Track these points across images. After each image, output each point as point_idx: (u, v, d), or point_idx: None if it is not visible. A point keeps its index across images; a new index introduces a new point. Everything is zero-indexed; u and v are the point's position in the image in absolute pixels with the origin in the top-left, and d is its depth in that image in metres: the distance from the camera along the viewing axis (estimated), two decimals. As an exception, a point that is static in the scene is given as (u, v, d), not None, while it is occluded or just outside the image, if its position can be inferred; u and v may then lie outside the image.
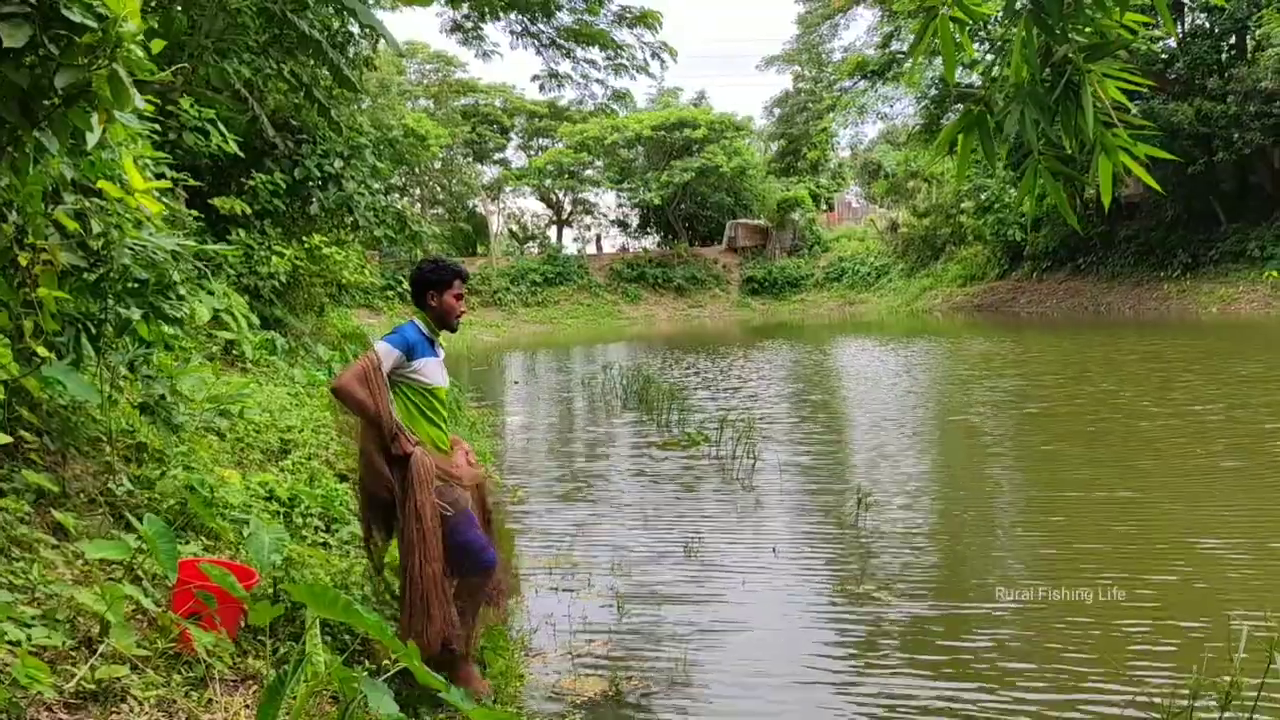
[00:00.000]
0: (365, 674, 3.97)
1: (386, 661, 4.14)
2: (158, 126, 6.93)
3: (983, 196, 40.02)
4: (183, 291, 5.08)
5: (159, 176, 6.01)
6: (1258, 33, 29.42)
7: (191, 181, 9.74)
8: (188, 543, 4.44)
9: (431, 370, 4.49)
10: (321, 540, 5.34)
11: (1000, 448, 11.28)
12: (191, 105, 9.73)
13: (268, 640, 4.01)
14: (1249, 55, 31.14)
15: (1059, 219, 39.60)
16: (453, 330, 4.66)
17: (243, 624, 3.98)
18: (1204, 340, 22.15)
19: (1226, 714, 3.53)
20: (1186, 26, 33.92)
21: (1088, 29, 3.51)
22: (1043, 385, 15.88)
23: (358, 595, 4.64)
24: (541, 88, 23.14)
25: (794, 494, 9.12)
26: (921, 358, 22.30)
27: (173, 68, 8.52)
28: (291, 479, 6.04)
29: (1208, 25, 33.25)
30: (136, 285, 4.70)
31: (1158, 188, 4.12)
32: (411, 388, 4.45)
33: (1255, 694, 3.57)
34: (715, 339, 33.91)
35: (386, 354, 4.33)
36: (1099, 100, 3.41)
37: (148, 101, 6.25)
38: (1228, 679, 3.39)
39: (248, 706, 3.50)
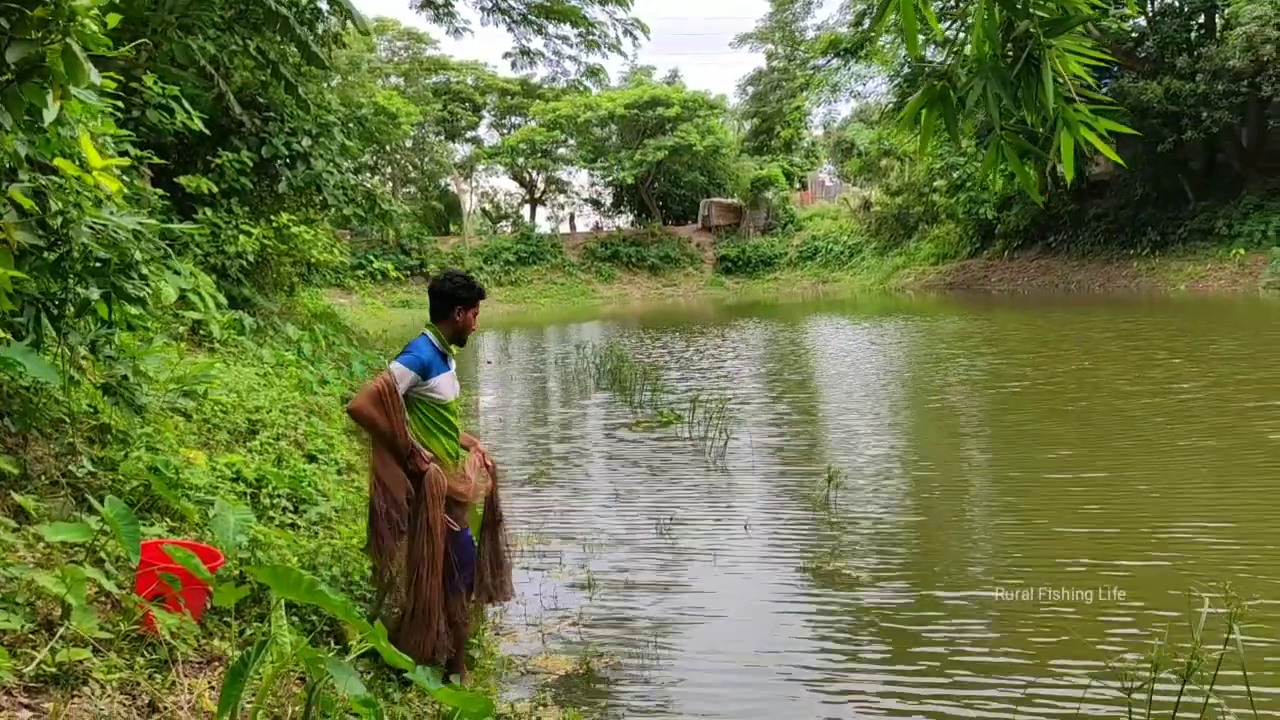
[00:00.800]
0: (332, 655, 3.96)
1: (353, 642, 4.11)
2: (120, 104, 6.80)
3: (955, 175, 40.13)
4: (145, 271, 4.99)
5: (122, 154, 5.91)
6: (1226, 11, 29.62)
7: (156, 160, 9.58)
8: (152, 524, 4.39)
9: (445, 386, 4.51)
10: (289, 521, 5.30)
11: (971, 426, 11.35)
12: (155, 82, 9.56)
13: (233, 622, 3.98)
14: (1218, 34, 31.33)
15: (1030, 198, 39.82)
16: (463, 345, 4.69)
17: (208, 606, 3.94)
18: (1176, 318, 22.36)
19: (1188, 686, 3.57)
20: (1156, 5, 34.08)
21: (1049, 3, 3.51)
22: (1016, 364, 15.98)
23: (325, 576, 4.62)
24: (514, 65, 22.97)
25: (766, 473, 9.15)
26: (894, 337, 22.40)
27: (134, 43, 8.38)
28: (259, 460, 5.99)
29: (1177, 4, 33.43)
30: (98, 265, 4.62)
31: (1120, 161, 4.15)
32: (425, 404, 4.47)
33: (1215, 665, 3.63)
34: (689, 318, 33.92)
35: (402, 375, 4.34)
36: (1059, 75, 3.41)
37: (109, 78, 6.14)
38: (1189, 650, 3.42)
39: (212, 688, 3.47)
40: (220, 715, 2.98)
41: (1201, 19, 32.78)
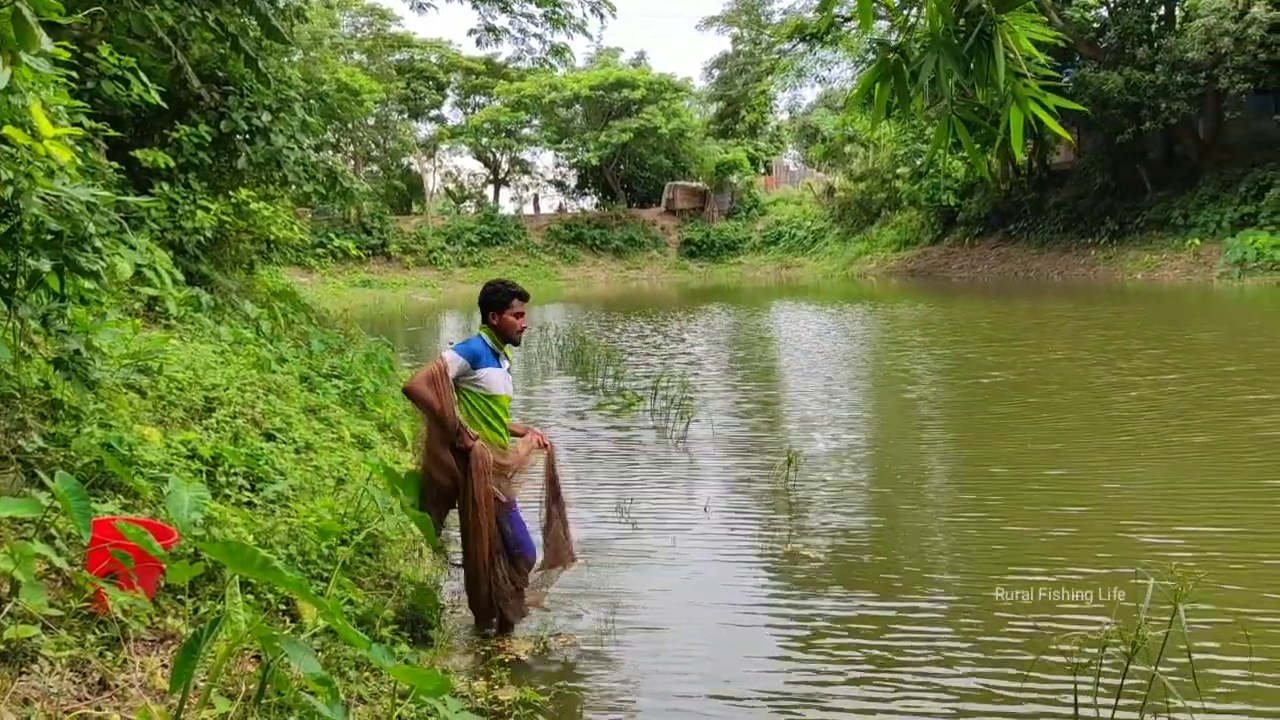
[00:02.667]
0: (288, 633, 3.93)
1: (309, 620, 4.09)
2: (74, 74, 6.67)
3: (918, 162, 40.39)
4: (100, 245, 4.90)
5: (76, 125, 5.80)
6: (1186, 3, 29.96)
7: (111, 132, 9.40)
8: (104, 501, 4.32)
9: (493, 380, 5.00)
10: (246, 500, 5.23)
11: (932, 413, 11.45)
12: (110, 53, 9.37)
13: (187, 600, 3.94)
14: (1177, 26, 31.70)
15: (991, 186, 40.21)
16: (515, 344, 5.24)
17: (161, 583, 3.90)
18: (1141, 307, 22.61)
19: (1133, 665, 3.64)
20: (1118, -4, 34.45)
21: (1001, -21, 3.53)
22: (978, 350, 16.15)
23: (281, 554, 4.58)
24: (479, 42, 22.73)
25: (727, 456, 9.18)
26: (857, 323, 22.55)
27: (88, 11, 8.21)
28: (215, 438, 5.91)
29: (1138, -5, 33.81)
30: (50, 237, 4.53)
31: (1068, 137, 4.20)
32: (474, 394, 4.97)
33: (1160, 644, 3.70)
34: (653, 302, 33.93)
35: (453, 361, 4.88)
36: (1010, 51, 3.45)
37: (62, 47, 6.01)
38: (1134, 629, 3.48)
39: (165, 666, 3.44)
40: (172, 692, 2.96)
41: (1162, 11, 33.16)
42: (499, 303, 5.14)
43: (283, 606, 4.28)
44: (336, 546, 4.87)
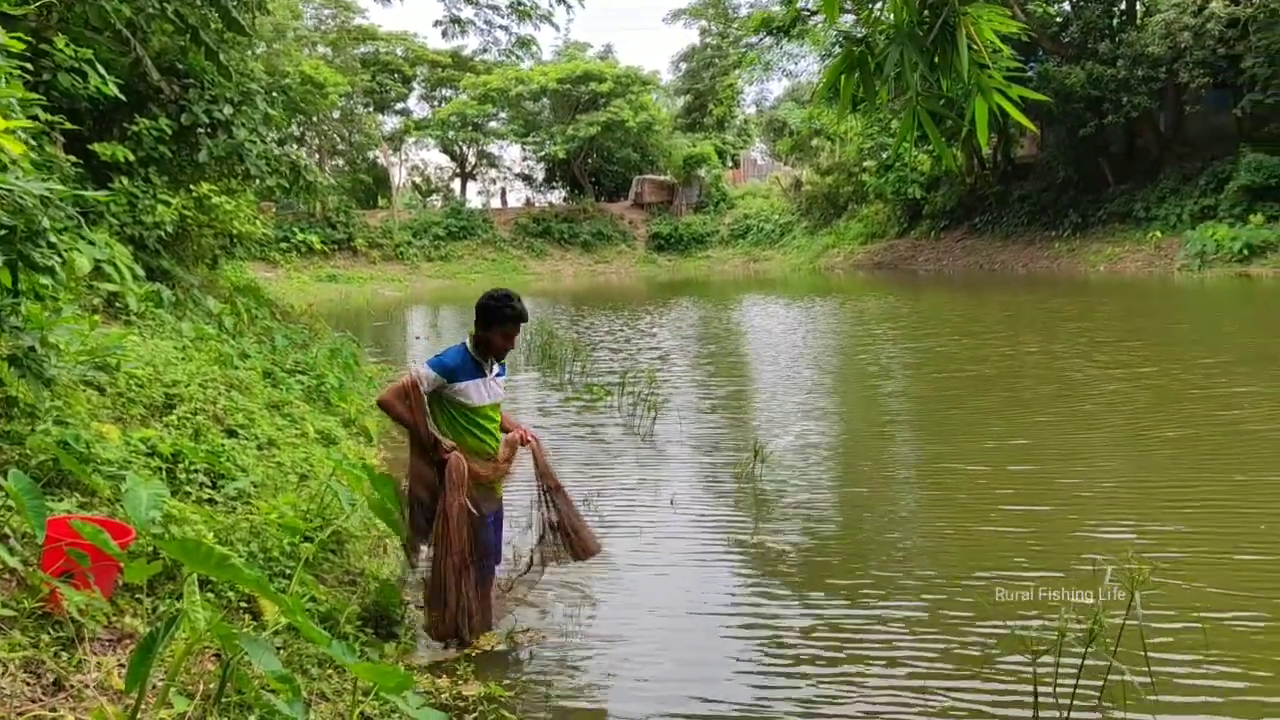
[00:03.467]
0: (248, 631, 3.90)
1: (270, 618, 4.05)
2: (29, 65, 6.56)
3: (884, 155, 40.59)
4: (55, 240, 4.83)
5: (32, 119, 5.70)
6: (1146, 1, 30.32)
7: (68, 125, 9.26)
8: (60, 500, 4.26)
9: (471, 392, 4.93)
10: (207, 497, 5.18)
11: (899, 404, 11.54)
12: (67, 45, 9.23)
13: (146, 598, 3.90)
14: (1138, 21, 32.04)
15: (957, 178, 40.49)
16: (495, 358, 5.06)
17: (119, 582, 3.85)
18: (1109, 299, 22.84)
19: (1093, 657, 3.68)
20: (1080, -10, 34.77)
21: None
22: (946, 344, 16.27)
23: (242, 552, 4.53)
24: (444, 34, 22.51)
25: (694, 449, 9.19)
26: (825, 317, 22.64)
27: (43, 1, 8.09)
28: (175, 434, 5.84)
29: (1100, -10, 34.14)
30: (2, 232, 4.46)
31: (1032, 127, 4.27)
32: (454, 406, 4.92)
33: (1118, 631, 3.74)
34: (621, 296, 33.91)
35: (425, 376, 4.85)
36: (974, 42, 3.47)
37: (16, 38, 5.91)
38: (1091, 618, 3.52)
39: (122, 665, 3.40)
40: (128, 692, 2.92)
41: (1123, 6, 33.50)
42: (495, 320, 4.94)
43: (244, 604, 4.24)
44: (299, 543, 4.82)
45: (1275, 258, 26.07)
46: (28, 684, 3.05)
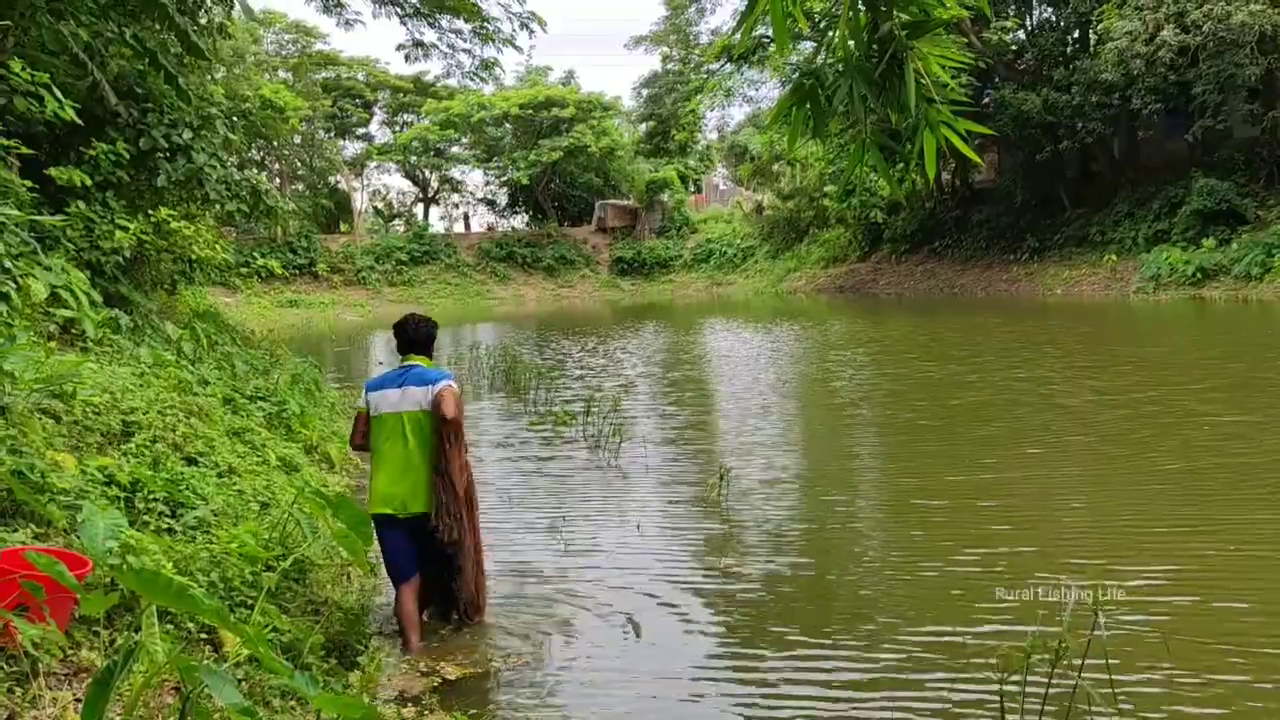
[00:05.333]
0: (208, 663, 3.82)
1: (231, 649, 3.97)
2: (-17, 89, 6.48)
3: (844, 180, 40.95)
4: (9, 265, 4.75)
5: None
6: (1099, 27, 30.85)
7: (25, 150, 9.13)
8: (14, 530, 4.16)
9: None
10: (166, 526, 5.08)
11: (865, 430, 11.58)
12: (23, 68, 9.12)
13: (103, 631, 3.81)
14: (1091, 48, 32.64)
15: (916, 203, 40.96)
16: None
17: (75, 615, 3.76)
18: (1073, 323, 23.04)
19: (1059, 673, 3.69)
20: (1035, 19, 35.37)
21: (911, 6, 3.61)
22: (901, 364, 16.39)
23: (202, 582, 4.44)
24: (407, 58, 22.52)
25: (659, 474, 9.17)
26: (790, 342, 22.74)
27: (-1, 26, 7.98)
28: (134, 463, 5.73)
29: (1054, 19, 34.74)
30: (-44, 257, 4.39)
31: (979, 161, 4.32)
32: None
33: (1083, 652, 3.76)
34: (585, 320, 33.91)
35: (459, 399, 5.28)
36: (921, 76, 3.51)
37: (-30, 62, 5.82)
38: (1056, 638, 3.54)
39: (78, 699, 3.31)
40: (85, 729, 2.84)
41: (1077, 34, 34.13)
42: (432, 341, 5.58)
43: (204, 635, 4.16)
44: (261, 573, 4.74)
45: (1227, 281, 26.55)
46: (-21, 721, 2.96)
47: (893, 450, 10.02)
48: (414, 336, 5.46)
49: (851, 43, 3.71)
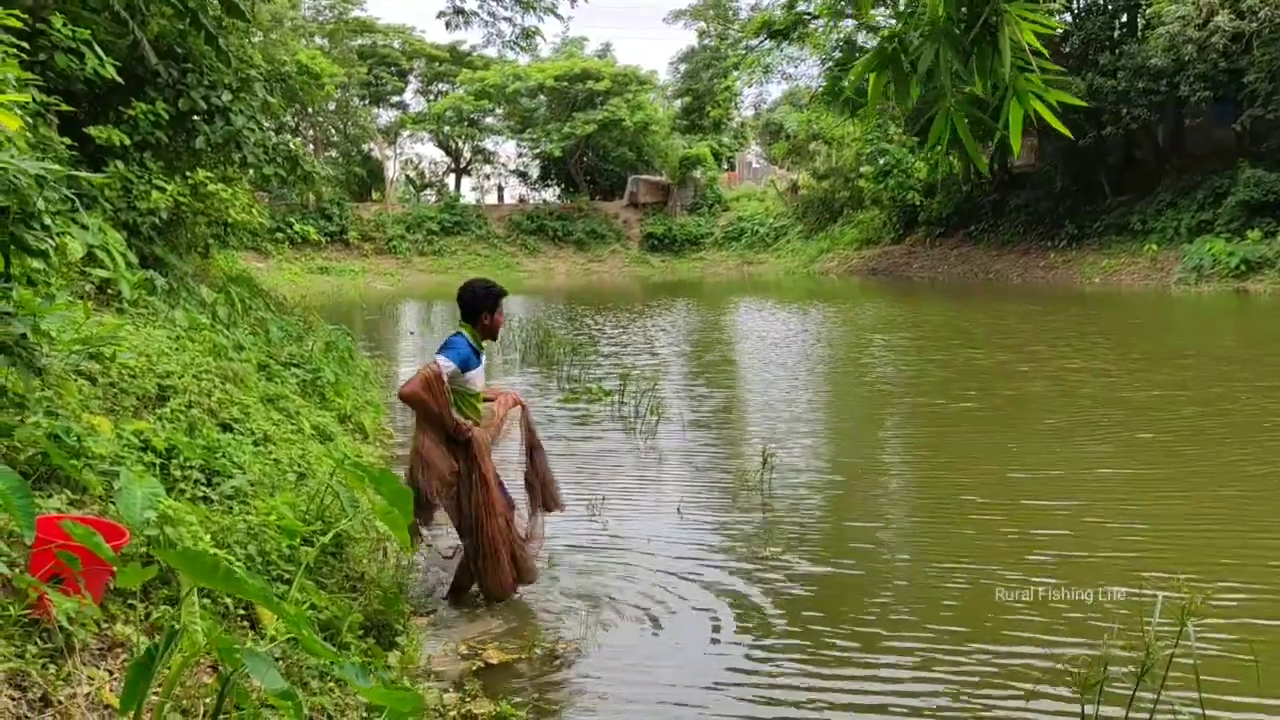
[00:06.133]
0: (249, 644, 3.69)
1: (269, 626, 3.84)
2: (25, 44, 6.34)
3: (882, 161, 40.46)
4: (49, 222, 4.61)
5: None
6: (1148, 11, 30.19)
7: (64, 107, 9.01)
8: (49, 497, 4.04)
9: (476, 378, 5.35)
10: (202, 495, 4.95)
11: (903, 409, 11.35)
12: (64, 24, 8.99)
13: (139, 604, 3.68)
14: (1139, 33, 31.95)
15: (953, 185, 40.38)
16: (494, 339, 5.61)
17: (110, 587, 3.63)
18: (1123, 314, 22.54)
19: (1134, 687, 3.49)
20: (1082, 3, 34.65)
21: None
22: (944, 350, 16.11)
23: (240, 555, 4.31)
24: (448, 25, 22.37)
25: (698, 454, 9.00)
26: (824, 323, 22.47)
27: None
28: (169, 428, 5.61)
29: (1101, 2, 34.02)
30: (-4, 212, 4.24)
31: (1066, 132, 4.05)
32: (459, 394, 5.26)
33: (1166, 663, 3.54)
34: (615, 295, 33.72)
35: (446, 366, 5.14)
36: (1015, 42, 3.30)
37: (13, 15, 5.68)
38: (1142, 650, 3.33)
39: (113, 676, 3.19)
40: (124, 712, 2.71)
41: (1124, 18, 33.41)
42: (486, 304, 5.38)
43: (241, 611, 4.03)
44: (299, 547, 4.61)
45: (1272, 274, 26.00)
46: (12, 699, 2.83)
47: (944, 442, 9.58)
48: (460, 302, 5.50)
49: (940, 6, 3.48)
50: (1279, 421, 9.57)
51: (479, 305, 5.38)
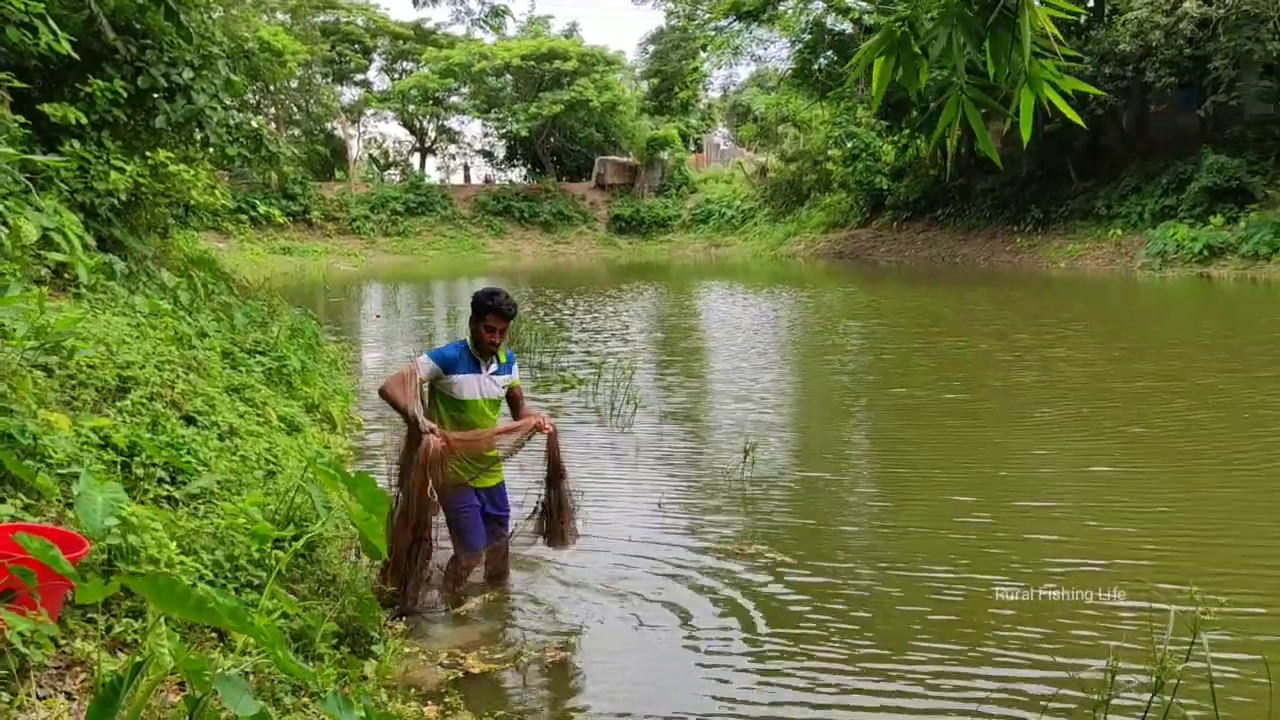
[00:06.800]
0: (218, 664, 3.50)
1: (243, 642, 3.64)
2: (-26, 17, 6.05)
3: (850, 144, 40.40)
4: (2, 206, 4.36)
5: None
6: (1113, -1, 30.26)
7: (17, 83, 8.66)
8: (3, 501, 3.81)
9: (464, 385, 5.20)
10: (166, 495, 4.74)
11: (879, 398, 11.25)
12: (16, -3, 8.63)
13: (99, 618, 3.47)
14: (1105, 18, 32.01)
15: (921, 170, 40.43)
16: (483, 355, 5.27)
17: (69, 600, 3.42)
18: (1091, 299, 22.55)
19: (1156, 696, 3.38)
20: (1049, -13, 34.59)
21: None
22: (925, 338, 16.05)
23: (207, 561, 4.10)
24: (415, 2, 21.92)
25: (677, 445, 8.85)
26: (797, 308, 22.37)
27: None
28: (131, 423, 5.37)
29: (1069, -13, 34.01)
30: (-58, 198, 4.00)
31: (1080, 122, 3.92)
32: (445, 398, 5.22)
33: (1178, 673, 3.44)
34: (583, 278, 33.47)
35: (424, 365, 5.17)
36: (1036, 27, 3.16)
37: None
38: (1157, 659, 3.22)
39: (71, 699, 2.99)
40: (84, 747, 2.52)
41: (1091, 3, 33.47)
42: (475, 312, 5.22)
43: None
44: (269, 551, 4.40)
45: (1234, 260, 26.21)
46: (-38, 732, 2.63)
47: (932, 438, 9.19)
48: None
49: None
50: (1275, 414, 9.36)
51: (473, 312, 5.27)
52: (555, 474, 5.39)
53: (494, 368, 5.33)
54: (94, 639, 3.32)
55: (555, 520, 5.36)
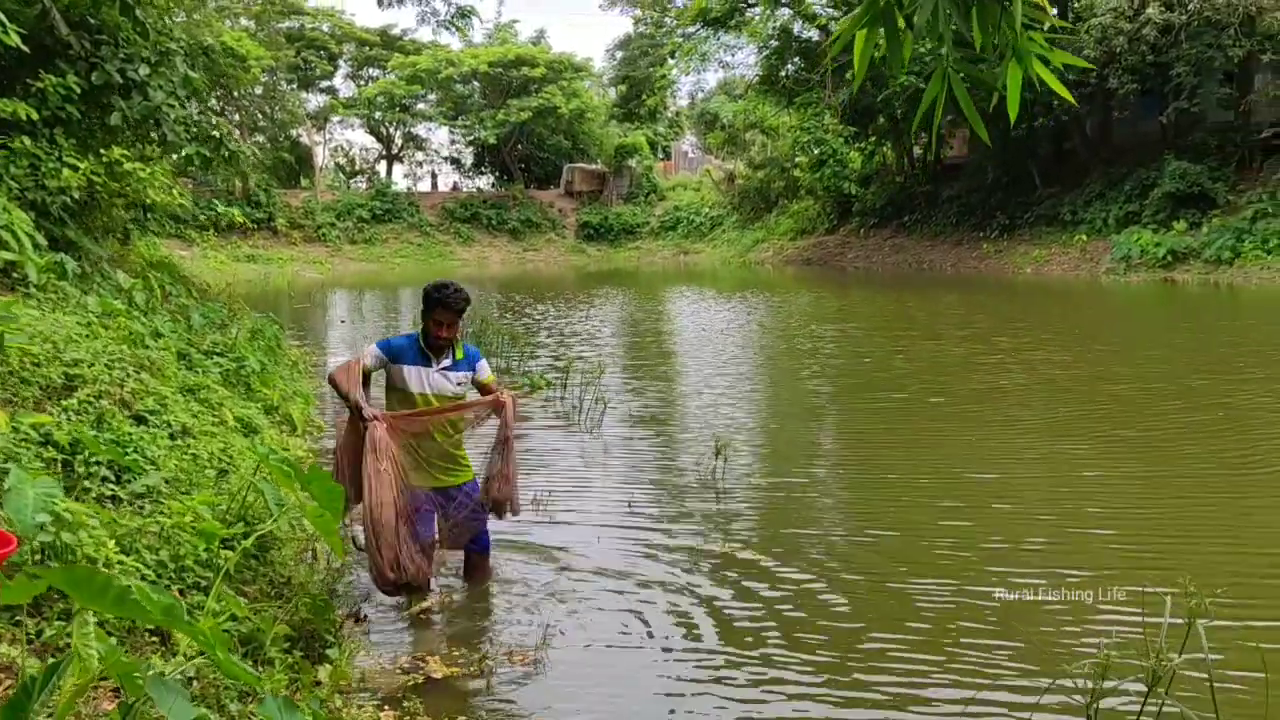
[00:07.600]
0: (157, 661, 3.29)
1: (182, 642, 3.43)
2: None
3: (817, 151, 40.47)
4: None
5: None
6: (1079, 3, 30.47)
7: (-37, 77, 8.39)
8: (-70, 499, 3.58)
9: (408, 377, 5.14)
10: (109, 494, 4.51)
11: (850, 397, 11.14)
12: (-37, -12, 8.36)
13: (28, 620, 3.25)
14: (1070, 24, 32.25)
15: (887, 176, 40.57)
16: (434, 350, 5.18)
17: (-4, 601, 3.19)
18: (1059, 303, 22.62)
19: (1152, 691, 3.25)
20: (1014, -6, 34.85)
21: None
22: (911, 342, 15.99)
23: (149, 560, 3.89)
24: (380, 3, 21.65)
25: (645, 444, 8.68)
26: (767, 313, 22.28)
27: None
28: (74, 421, 5.14)
29: (1033, -6, 34.26)
30: None
31: (1071, 99, 3.80)
32: (391, 387, 5.22)
33: (1169, 671, 3.30)
34: (551, 284, 33.26)
35: (371, 353, 5.21)
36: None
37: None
38: (1152, 654, 3.09)
39: (-3, 709, 2.77)
40: (-2, 758, 2.31)
41: (1055, 11, 33.73)
42: (425, 305, 5.13)
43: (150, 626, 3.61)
44: (218, 551, 4.19)
45: (1197, 265, 26.47)
46: None
47: (916, 439, 8.97)
48: None
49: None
50: (1267, 419, 9.22)
51: (423, 306, 5.18)
52: (502, 438, 5.33)
53: (446, 363, 5.19)
54: (20, 642, 3.10)
55: (500, 487, 5.26)
